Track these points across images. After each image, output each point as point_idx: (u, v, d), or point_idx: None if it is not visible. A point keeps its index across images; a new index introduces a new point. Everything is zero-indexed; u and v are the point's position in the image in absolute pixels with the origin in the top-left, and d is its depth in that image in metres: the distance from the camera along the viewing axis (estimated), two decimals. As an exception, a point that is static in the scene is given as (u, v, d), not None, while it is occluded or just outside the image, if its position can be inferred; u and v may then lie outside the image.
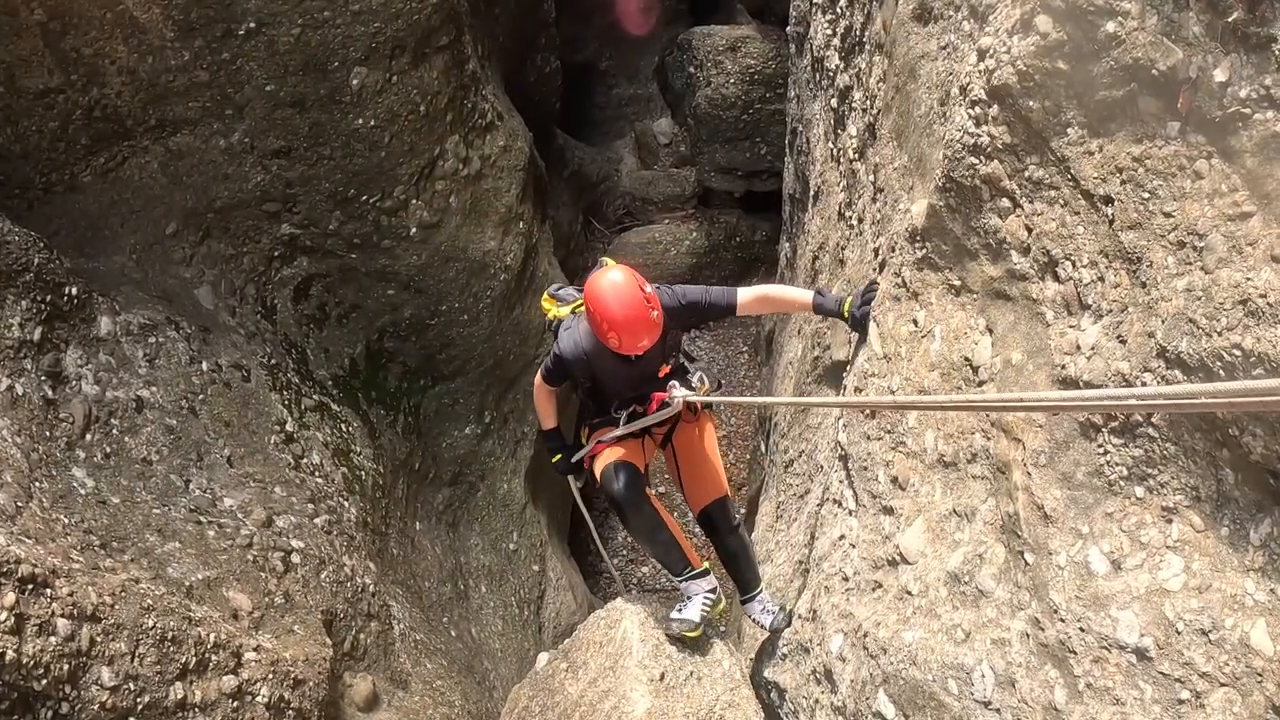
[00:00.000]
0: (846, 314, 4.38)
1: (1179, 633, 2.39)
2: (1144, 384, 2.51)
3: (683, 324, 4.67)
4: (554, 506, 9.06)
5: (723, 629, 6.28)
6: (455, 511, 7.90)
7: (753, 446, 10.45)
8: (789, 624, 4.79)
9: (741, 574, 4.90)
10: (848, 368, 5.04)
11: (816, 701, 4.27)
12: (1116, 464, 2.65)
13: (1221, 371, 2.26)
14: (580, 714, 4.60)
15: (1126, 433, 2.60)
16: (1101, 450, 2.69)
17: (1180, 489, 2.49)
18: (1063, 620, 2.70)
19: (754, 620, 4.79)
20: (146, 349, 6.02)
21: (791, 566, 5.45)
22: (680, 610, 4.60)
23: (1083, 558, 2.69)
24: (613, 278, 4.18)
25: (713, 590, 4.58)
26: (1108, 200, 2.70)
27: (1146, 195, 2.56)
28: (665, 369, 4.78)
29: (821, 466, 5.30)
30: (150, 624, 4.19)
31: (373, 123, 7.14)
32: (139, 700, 4.03)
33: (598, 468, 4.65)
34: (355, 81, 7.01)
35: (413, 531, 7.18)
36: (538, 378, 5.00)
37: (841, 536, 4.38)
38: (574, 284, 5.32)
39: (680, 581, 4.61)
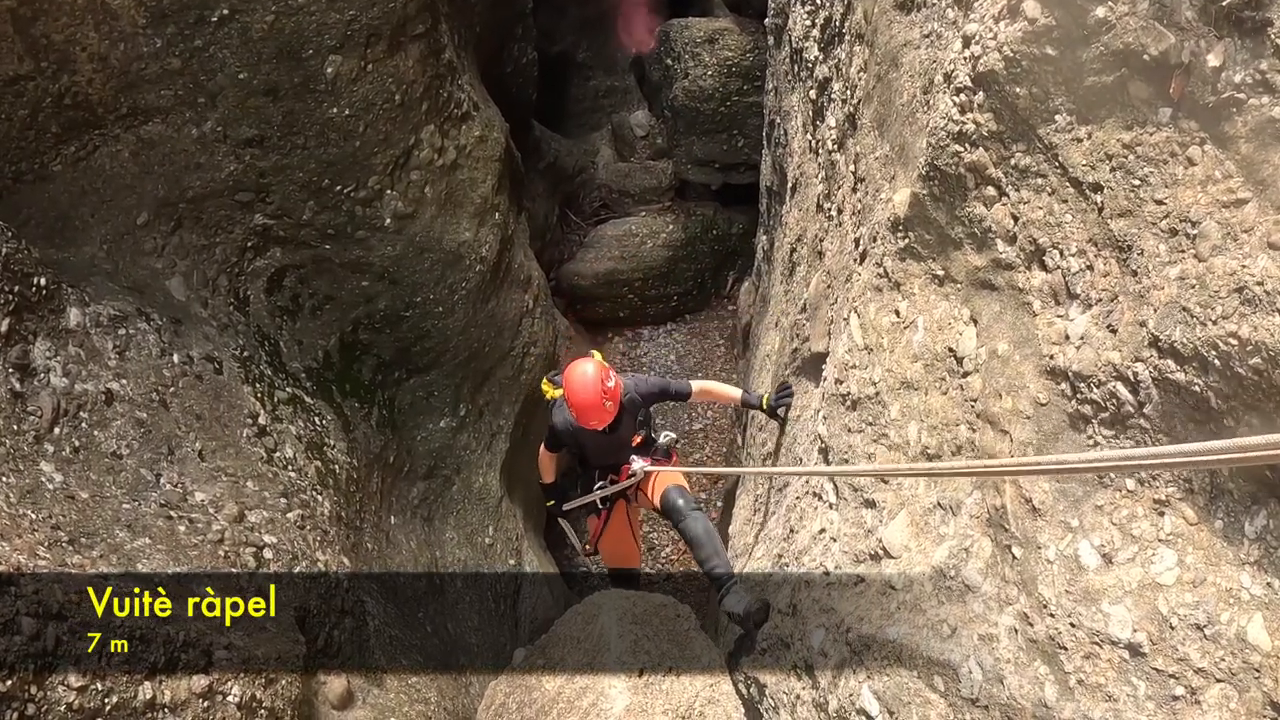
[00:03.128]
0: (765, 406, 5.63)
1: (1173, 628, 2.33)
2: (1136, 374, 2.44)
3: (649, 404, 5.85)
4: (530, 500, 8.94)
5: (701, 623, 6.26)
6: (430, 505, 7.76)
7: (729, 440, 10.39)
8: (766, 617, 4.75)
9: (710, 565, 5.12)
10: (826, 361, 4.98)
11: (798, 697, 4.20)
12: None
13: (1216, 361, 2.19)
14: (558, 711, 4.51)
15: (1117, 424, 2.54)
16: (1091, 442, 2.63)
17: (1172, 481, 2.43)
18: (1052, 615, 2.63)
19: (729, 613, 4.91)
20: (117, 341, 5.86)
21: (770, 560, 5.37)
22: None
23: (1073, 551, 2.63)
24: (584, 369, 5.28)
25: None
26: (1097, 188, 2.63)
27: (1137, 182, 2.49)
28: (637, 439, 5.82)
29: (800, 459, 5.23)
30: (120, 621, 4.06)
31: (347, 111, 6.97)
32: (107, 701, 3.89)
33: (605, 557, 6.45)
34: (330, 70, 6.85)
35: (387, 525, 7.04)
36: (542, 446, 6.18)
37: (822, 530, 4.31)
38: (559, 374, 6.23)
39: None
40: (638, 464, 5.69)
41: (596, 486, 5.86)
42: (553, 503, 6.37)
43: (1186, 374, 2.29)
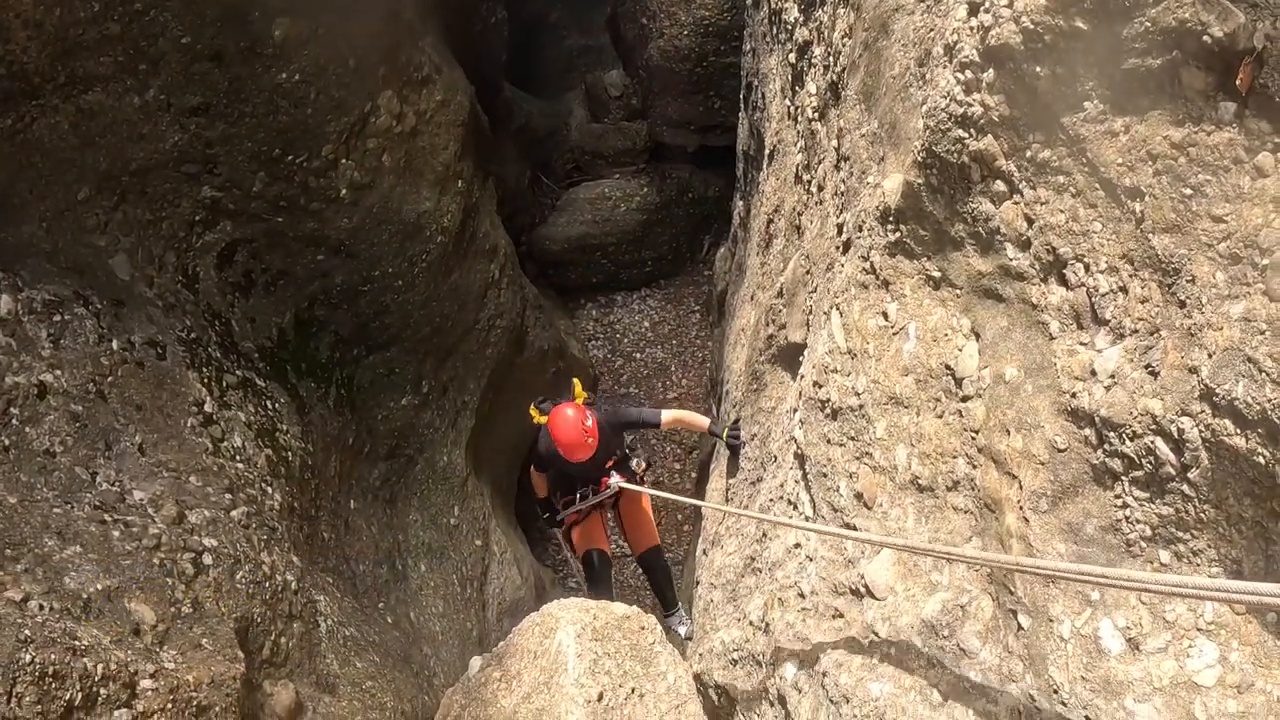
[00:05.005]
0: (725, 438, 5.83)
1: (1215, 740, 1.85)
2: (1181, 431, 1.93)
3: (621, 433, 6.46)
4: (498, 477, 8.43)
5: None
6: (393, 487, 7.24)
7: (704, 409, 9.91)
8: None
9: (665, 596, 6.62)
10: (804, 354, 4.45)
11: (769, 725, 3.75)
12: (1138, 521, 2.08)
13: (1294, 430, 1.67)
14: (514, 733, 4.05)
15: (1154, 485, 2.03)
16: (1120, 502, 2.12)
17: (1218, 560, 1.93)
18: (1064, 704, 2.14)
19: (673, 629, 6.21)
20: (51, 328, 5.31)
21: (742, 559, 4.90)
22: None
23: (1091, 631, 2.13)
24: (565, 415, 5.79)
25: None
26: (1135, 193, 2.09)
27: (1189, 191, 1.95)
28: (611, 462, 6.35)
29: (774, 456, 4.73)
30: (28, 659, 3.54)
31: (297, 77, 6.34)
32: (19, 745, 3.40)
33: (577, 545, 6.67)
34: (278, 33, 6.21)
35: (346, 511, 6.52)
36: (531, 468, 6.84)
37: (797, 545, 3.82)
38: (548, 400, 6.62)
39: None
40: (615, 479, 6.30)
41: (579, 494, 6.41)
42: (548, 515, 6.85)
43: (1248, 441, 1.77)
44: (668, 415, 6.27)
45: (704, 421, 6.36)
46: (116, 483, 5.00)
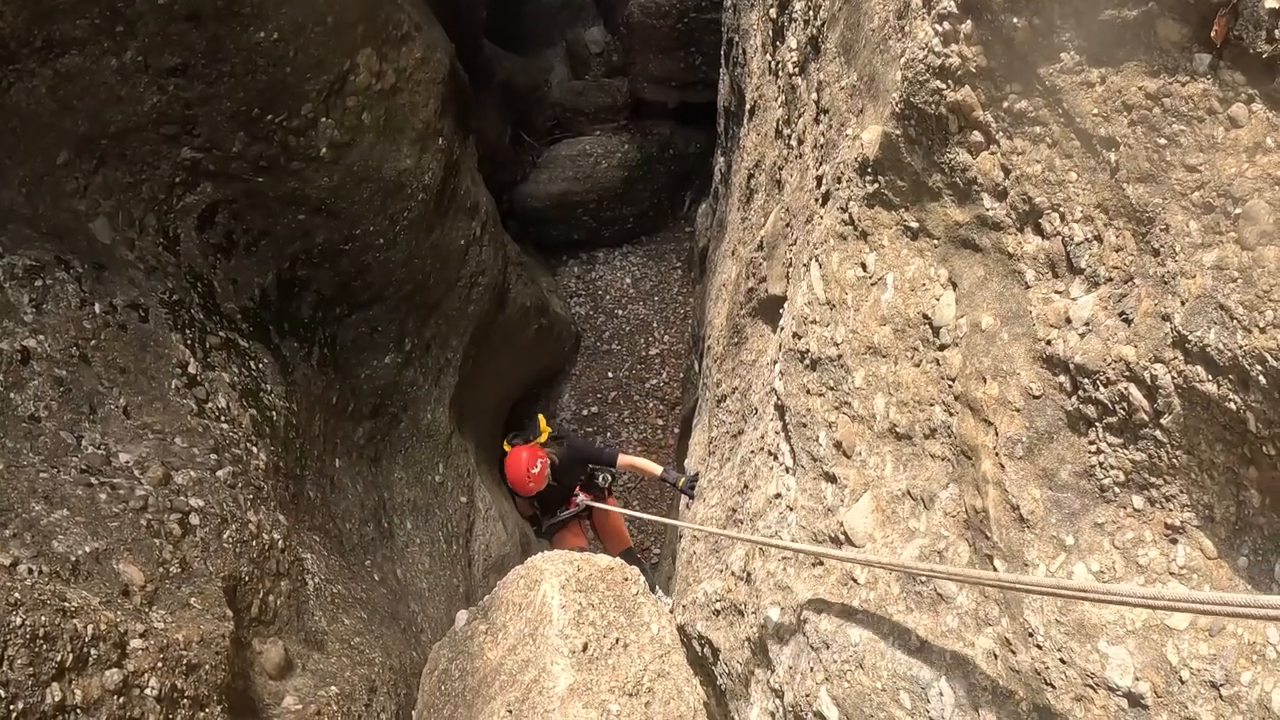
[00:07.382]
0: (680, 486, 6.36)
1: (1183, 682, 1.88)
2: (1154, 377, 1.93)
3: (584, 462, 7.15)
4: (481, 434, 8.43)
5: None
6: (377, 445, 7.23)
7: (686, 365, 9.93)
8: None
9: None
10: (784, 306, 4.45)
11: (752, 673, 3.79)
12: (1112, 466, 2.09)
13: (1262, 378, 1.68)
14: (500, 684, 4.08)
15: (1127, 431, 2.04)
16: (1094, 448, 2.13)
17: (1190, 505, 1.95)
18: (1039, 646, 2.17)
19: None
20: (33, 294, 5.25)
21: (724, 512, 4.93)
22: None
23: (1066, 575, 2.16)
24: (517, 459, 6.54)
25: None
26: (1110, 143, 2.07)
27: (1163, 142, 1.94)
28: (579, 486, 7.14)
29: (755, 409, 4.74)
30: (18, 621, 3.53)
31: (275, 36, 6.22)
32: (12, 707, 3.41)
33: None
34: (255, -10, 6.08)
35: (331, 470, 6.51)
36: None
37: (778, 495, 3.84)
38: (518, 436, 7.13)
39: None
40: (580, 498, 7.10)
41: (560, 510, 7.14)
42: (536, 529, 7.50)
43: (1220, 387, 1.78)
44: (624, 459, 7.09)
45: (656, 469, 6.89)
46: (102, 446, 4.97)
